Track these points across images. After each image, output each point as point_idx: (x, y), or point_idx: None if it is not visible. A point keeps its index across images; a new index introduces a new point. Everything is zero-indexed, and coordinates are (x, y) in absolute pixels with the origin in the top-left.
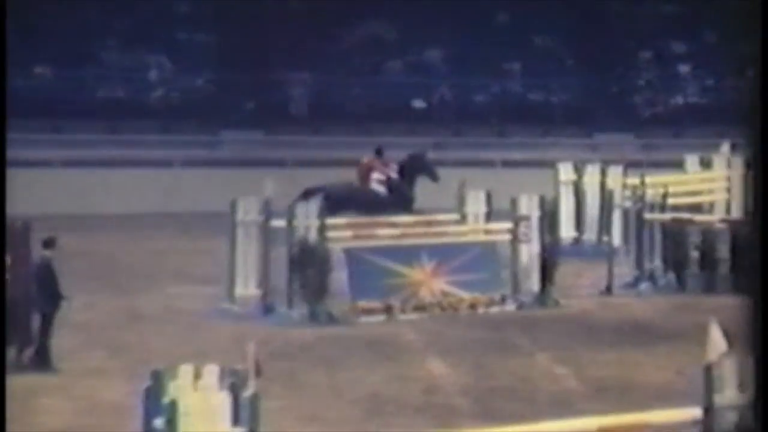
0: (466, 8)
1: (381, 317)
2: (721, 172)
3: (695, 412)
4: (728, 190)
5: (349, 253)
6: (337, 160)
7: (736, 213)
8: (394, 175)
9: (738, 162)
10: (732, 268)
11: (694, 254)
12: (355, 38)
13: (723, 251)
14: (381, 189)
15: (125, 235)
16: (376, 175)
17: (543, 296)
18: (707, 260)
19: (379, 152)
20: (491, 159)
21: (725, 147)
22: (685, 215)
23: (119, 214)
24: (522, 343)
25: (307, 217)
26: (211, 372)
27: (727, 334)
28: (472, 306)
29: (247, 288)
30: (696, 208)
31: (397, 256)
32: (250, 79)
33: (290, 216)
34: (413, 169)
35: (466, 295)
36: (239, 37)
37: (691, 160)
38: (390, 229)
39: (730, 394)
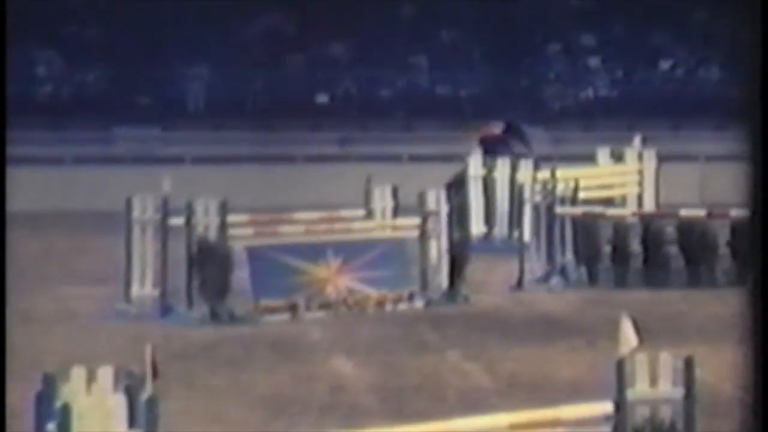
0: (370, 0)
1: (285, 316)
2: (632, 165)
3: (607, 407)
4: (640, 183)
5: (250, 250)
6: (236, 156)
7: (649, 206)
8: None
9: (650, 155)
10: (644, 261)
11: (606, 248)
12: (254, 31)
13: (635, 245)
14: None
15: (14, 233)
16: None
17: (452, 292)
18: (619, 254)
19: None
20: (398, 153)
21: (637, 140)
22: (597, 209)
23: (8, 212)
24: (431, 340)
25: (207, 215)
26: (105, 374)
27: (638, 329)
28: (380, 303)
29: (143, 288)
30: (608, 201)
31: (301, 253)
32: (145, 73)
33: (189, 213)
34: (513, 137)
35: (373, 293)
36: (132, 30)
37: (602, 153)
38: (293, 226)
39: (642, 389)
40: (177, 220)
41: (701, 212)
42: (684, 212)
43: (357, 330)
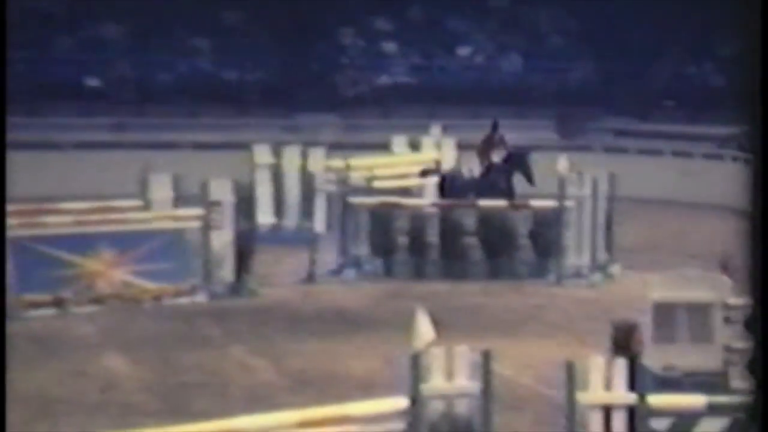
0: None
1: (50, 310)
2: (430, 155)
3: (401, 403)
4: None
5: (13, 243)
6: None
7: None
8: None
9: (449, 143)
10: (442, 253)
11: (402, 239)
12: (18, 11)
13: (432, 236)
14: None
15: None
16: (495, 156)
17: (238, 285)
18: (416, 245)
19: (495, 127)
20: (179, 141)
21: (435, 128)
22: (393, 199)
23: None
24: (213, 334)
25: None
26: None
27: (434, 322)
28: (158, 297)
29: None
30: (404, 191)
31: (70, 245)
32: None
33: None
34: (514, 164)
35: (151, 286)
36: None
37: (398, 142)
38: (60, 217)
39: (438, 383)
40: None
41: (501, 202)
42: (483, 202)
43: (131, 325)
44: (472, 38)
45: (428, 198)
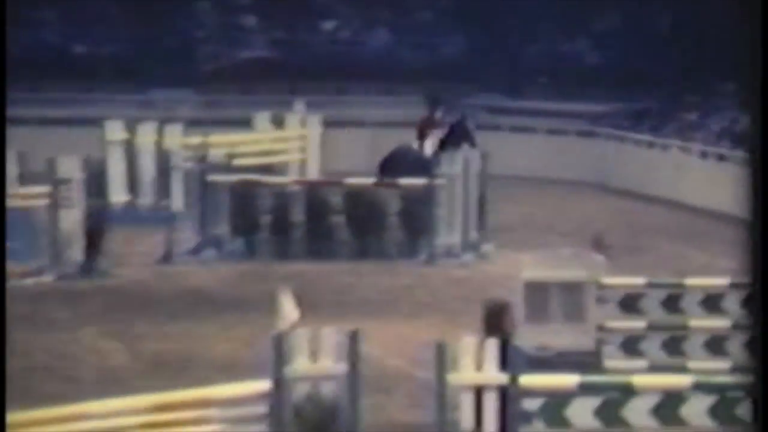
0: None
1: None
2: (294, 131)
3: (263, 385)
4: (303, 149)
5: None
6: None
7: (313, 174)
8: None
9: (314, 120)
10: (307, 232)
11: (265, 218)
12: None
13: (297, 215)
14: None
15: None
16: (431, 138)
17: (89, 266)
18: (279, 224)
19: (434, 103)
20: (23, 116)
21: (299, 105)
22: (255, 177)
23: None
24: (62, 317)
25: None
26: None
27: (299, 302)
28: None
29: None
30: (267, 169)
31: None
32: None
33: None
34: (458, 135)
35: None
36: None
37: (261, 118)
38: None
39: (302, 365)
40: None
41: (369, 180)
42: (351, 181)
43: None
44: (336, 12)
45: (292, 175)
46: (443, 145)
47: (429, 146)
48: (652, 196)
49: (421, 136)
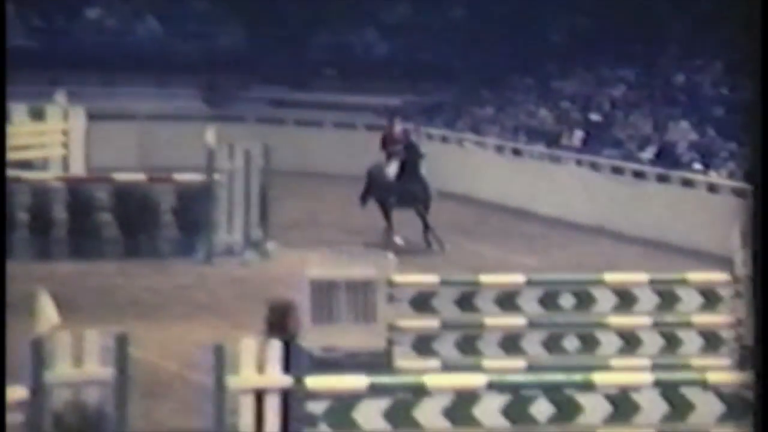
0: None
1: None
2: (56, 125)
3: (20, 393)
4: (65, 144)
5: None
6: None
7: (77, 169)
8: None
9: (77, 112)
10: (71, 230)
11: (24, 216)
12: None
13: (59, 212)
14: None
15: None
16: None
17: None
18: (39, 222)
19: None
20: None
21: (61, 96)
22: (12, 173)
23: None
24: None
25: None
26: None
27: (59, 304)
28: None
29: None
30: (25, 164)
31: None
32: None
33: None
34: (412, 155)
35: None
36: None
37: (18, 111)
38: None
39: (64, 370)
40: None
41: (140, 176)
42: (119, 176)
43: None
44: (100, 0)
45: (54, 171)
46: (404, 166)
47: (392, 170)
48: (447, 192)
49: (384, 146)
